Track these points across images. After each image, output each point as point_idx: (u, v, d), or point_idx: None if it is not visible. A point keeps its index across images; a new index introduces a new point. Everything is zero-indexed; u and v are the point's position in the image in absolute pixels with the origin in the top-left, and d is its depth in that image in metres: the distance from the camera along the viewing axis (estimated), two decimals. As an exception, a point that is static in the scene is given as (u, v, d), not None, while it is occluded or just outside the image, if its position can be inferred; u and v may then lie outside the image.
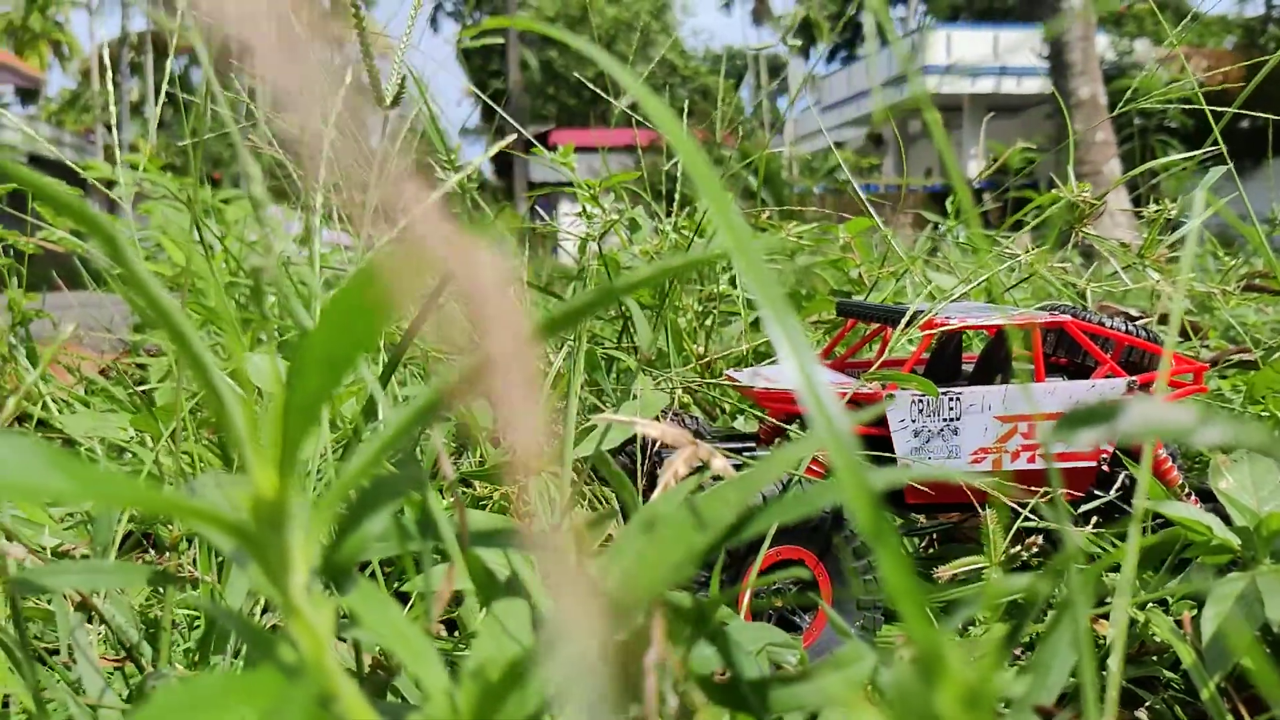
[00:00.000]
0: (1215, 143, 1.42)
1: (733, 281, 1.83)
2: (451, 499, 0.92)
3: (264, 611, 0.78)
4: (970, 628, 1.06)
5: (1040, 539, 1.04)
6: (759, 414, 1.29)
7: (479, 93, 1.80)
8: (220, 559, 0.81)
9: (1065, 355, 1.33)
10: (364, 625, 0.36)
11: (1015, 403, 1.13)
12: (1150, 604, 0.90)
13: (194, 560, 1.00)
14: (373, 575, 0.82)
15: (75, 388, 1.86)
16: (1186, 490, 1.18)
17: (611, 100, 1.83)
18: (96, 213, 0.33)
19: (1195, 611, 0.84)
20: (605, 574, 0.40)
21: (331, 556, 0.36)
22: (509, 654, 0.46)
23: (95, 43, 30.08)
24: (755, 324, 1.89)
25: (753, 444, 1.23)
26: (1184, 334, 1.95)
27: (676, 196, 1.70)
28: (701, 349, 1.64)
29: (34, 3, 27.72)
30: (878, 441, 1.13)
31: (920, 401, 1.12)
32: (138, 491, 0.29)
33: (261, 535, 0.32)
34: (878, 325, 1.37)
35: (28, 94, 29.82)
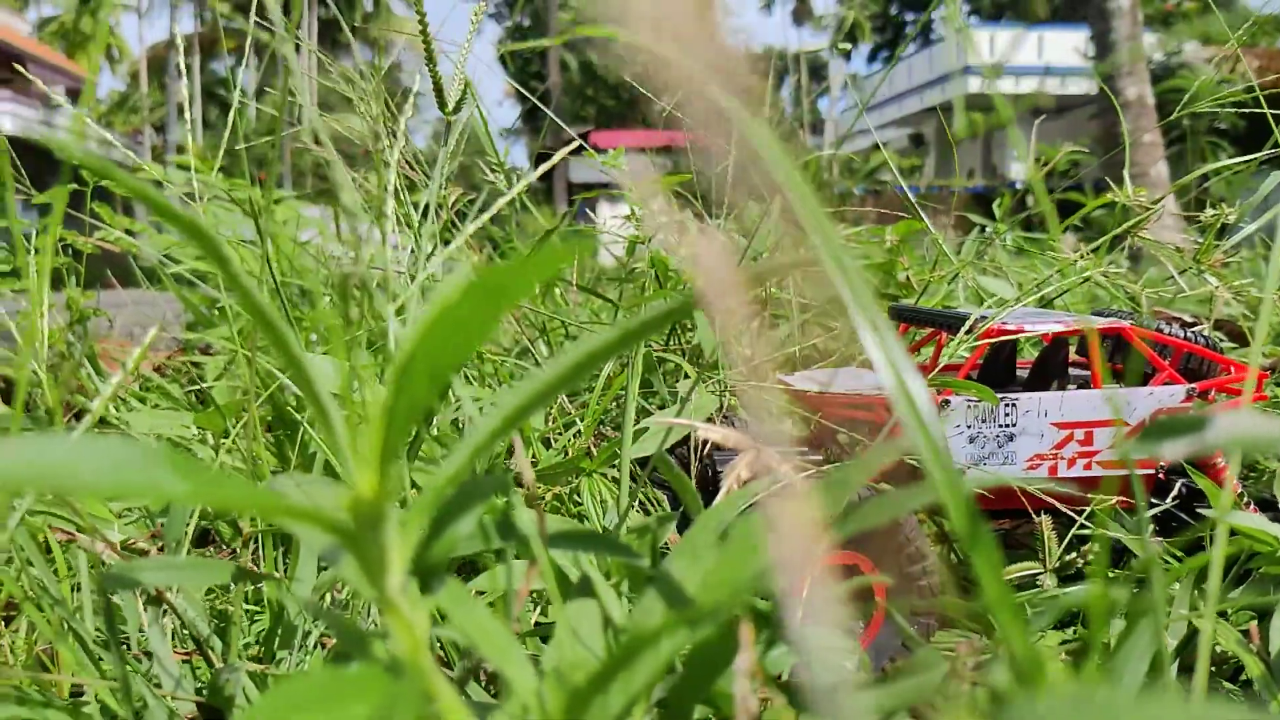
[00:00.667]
0: (1275, 145, 1.40)
1: (779, 284, 1.82)
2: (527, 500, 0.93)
3: (332, 606, 0.79)
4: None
5: (1096, 546, 1.03)
6: (810, 417, 1.29)
7: (526, 93, 1.81)
8: (287, 554, 0.82)
9: (1122, 361, 1.31)
10: (453, 624, 0.37)
11: (1072, 409, 1.12)
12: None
13: (253, 555, 1.02)
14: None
15: (131, 384, 1.90)
16: (1246, 499, 1.17)
17: (657, 100, 1.84)
18: (196, 217, 0.34)
19: (1259, 622, 0.83)
20: (686, 580, 0.41)
21: (423, 556, 0.37)
22: (584, 655, 0.47)
23: (144, 45, 30.62)
24: (801, 327, 1.89)
25: (804, 448, 1.22)
26: (1240, 340, 1.92)
27: (726, 199, 1.70)
28: (749, 351, 1.64)
29: (85, 5, 28.28)
30: None
31: (976, 407, 1.11)
32: (248, 493, 0.30)
33: (361, 535, 0.33)
34: (931, 330, 1.36)
35: (78, 95, 30.41)
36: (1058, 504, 1.07)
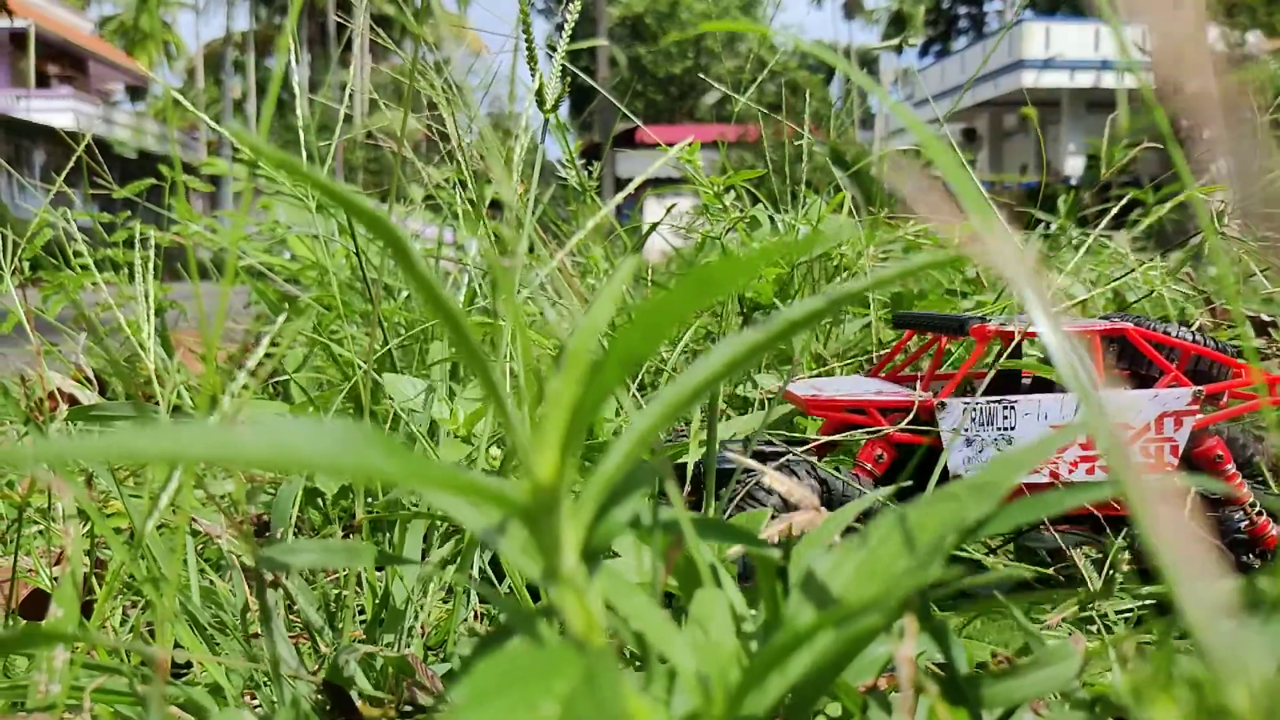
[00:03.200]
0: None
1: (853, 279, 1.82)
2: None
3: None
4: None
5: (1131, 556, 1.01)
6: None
7: (597, 86, 1.82)
8: (390, 543, 0.84)
9: (1128, 366, 1.28)
10: (618, 609, 0.38)
11: (1073, 412, 1.11)
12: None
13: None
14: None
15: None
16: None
17: (729, 92, 1.84)
18: (388, 218, 0.36)
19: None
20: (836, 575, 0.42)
21: (588, 540, 0.38)
22: (718, 644, 0.48)
23: (200, 42, 31.20)
24: (867, 325, 1.88)
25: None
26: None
27: (801, 193, 1.70)
28: (821, 348, 1.64)
29: (144, 3, 28.84)
30: (929, 451, 1.10)
31: (974, 410, 1.10)
32: (445, 472, 0.32)
33: (539, 516, 0.34)
34: (942, 335, 1.32)
35: (136, 91, 31.12)
36: (1095, 512, 1.07)
